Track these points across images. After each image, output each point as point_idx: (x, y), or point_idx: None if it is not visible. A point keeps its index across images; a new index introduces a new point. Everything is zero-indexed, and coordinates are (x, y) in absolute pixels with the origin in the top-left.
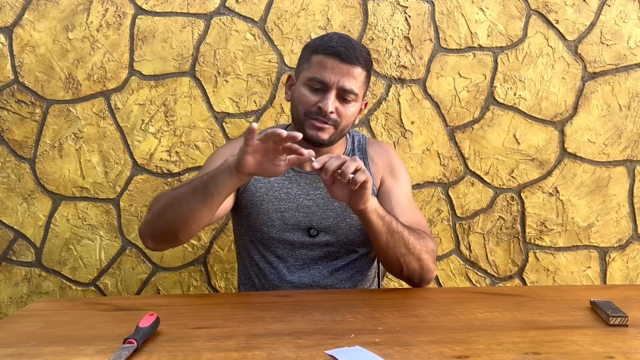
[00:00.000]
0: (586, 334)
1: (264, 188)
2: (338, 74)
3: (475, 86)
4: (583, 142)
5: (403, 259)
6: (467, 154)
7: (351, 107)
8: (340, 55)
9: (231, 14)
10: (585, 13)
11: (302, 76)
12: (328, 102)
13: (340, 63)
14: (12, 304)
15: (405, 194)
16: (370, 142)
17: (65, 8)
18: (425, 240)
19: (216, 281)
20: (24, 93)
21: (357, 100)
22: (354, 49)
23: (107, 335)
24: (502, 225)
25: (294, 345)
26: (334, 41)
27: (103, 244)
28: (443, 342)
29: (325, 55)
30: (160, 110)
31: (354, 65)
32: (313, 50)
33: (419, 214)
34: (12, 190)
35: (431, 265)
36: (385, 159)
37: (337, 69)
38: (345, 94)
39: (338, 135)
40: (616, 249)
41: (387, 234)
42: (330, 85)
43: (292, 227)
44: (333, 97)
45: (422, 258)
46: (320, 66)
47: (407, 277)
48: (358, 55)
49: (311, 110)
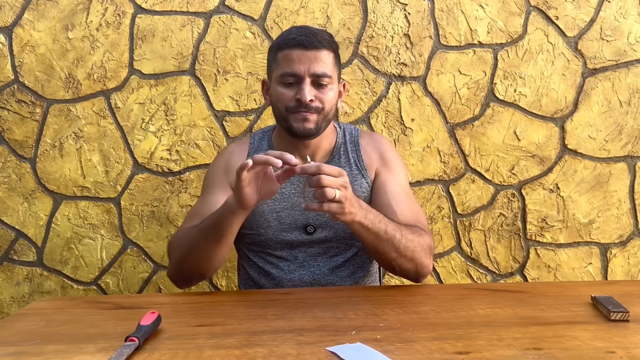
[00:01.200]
0: (587, 330)
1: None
2: (306, 62)
3: (476, 83)
4: (583, 139)
5: (395, 262)
6: (467, 150)
7: (329, 90)
8: (303, 43)
9: (231, 12)
10: (585, 9)
11: (274, 76)
12: (305, 92)
13: (305, 51)
14: (13, 303)
15: (401, 185)
16: (362, 134)
17: (65, 8)
18: (421, 238)
19: (217, 279)
20: (24, 93)
21: (332, 83)
22: (315, 34)
23: (108, 334)
24: (503, 222)
25: (295, 342)
26: (294, 33)
27: (104, 243)
28: (444, 339)
29: (289, 49)
30: (161, 109)
31: (319, 49)
32: (277, 49)
33: (416, 206)
34: (13, 190)
35: (426, 261)
36: (378, 151)
37: (304, 58)
38: (319, 79)
39: (324, 122)
40: (617, 245)
41: (375, 242)
42: (302, 75)
43: (289, 226)
44: (308, 85)
45: (414, 258)
46: (287, 60)
47: (401, 275)
48: (320, 39)
49: (290, 105)
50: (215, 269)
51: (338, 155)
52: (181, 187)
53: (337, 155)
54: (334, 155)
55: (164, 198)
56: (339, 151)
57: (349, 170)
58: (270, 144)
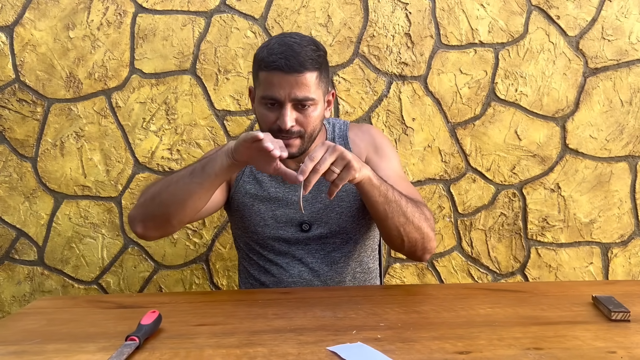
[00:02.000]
0: (588, 329)
1: (253, 189)
2: (287, 87)
3: (477, 82)
4: (585, 138)
5: (403, 229)
6: (468, 150)
7: (312, 111)
8: (281, 68)
9: (232, 11)
10: (587, 8)
11: (257, 94)
12: (285, 119)
13: (285, 75)
14: (14, 302)
15: (393, 169)
16: (351, 127)
17: (66, 7)
18: (422, 209)
19: (218, 279)
20: (25, 92)
21: (316, 103)
22: (296, 56)
23: (109, 333)
24: (504, 222)
25: (295, 341)
26: (275, 53)
27: (105, 243)
28: (445, 338)
29: (268, 72)
30: (162, 108)
31: (300, 72)
32: (258, 67)
33: (411, 187)
34: (14, 189)
35: (430, 233)
36: (367, 140)
37: (285, 82)
38: (300, 102)
39: (308, 142)
40: (618, 245)
41: (385, 204)
42: (282, 101)
43: (285, 224)
44: (289, 111)
45: (421, 226)
46: (267, 83)
47: (409, 248)
48: (302, 61)
49: (273, 128)
50: (180, 219)
51: None
52: None
53: None
54: None
55: None
56: None
57: None
58: None
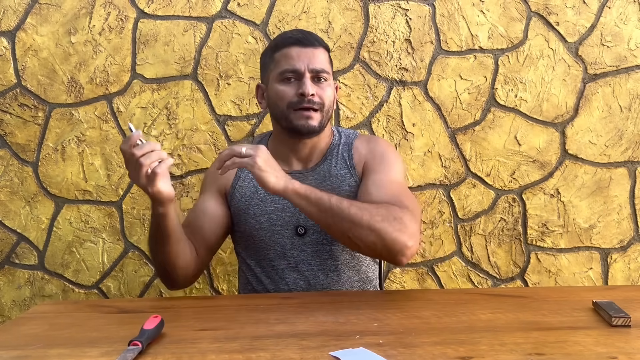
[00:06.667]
0: (589, 335)
1: (249, 193)
2: (306, 59)
3: (476, 88)
4: (584, 144)
5: (352, 234)
6: (468, 155)
7: (327, 86)
8: (301, 41)
9: (233, 17)
10: (586, 15)
11: (272, 76)
12: (307, 86)
13: (303, 48)
14: (15, 307)
15: (387, 174)
16: (360, 137)
17: (68, 12)
18: (386, 209)
19: (218, 283)
20: (26, 97)
21: (329, 79)
22: (310, 34)
23: (112, 337)
24: (504, 227)
25: (298, 346)
26: (289, 34)
27: (106, 247)
28: (446, 343)
29: (287, 47)
30: (163, 113)
31: (316, 47)
32: (274, 50)
33: (401, 191)
34: (15, 194)
35: (394, 234)
36: (370, 147)
37: (303, 55)
38: (318, 74)
39: (325, 119)
40: (618, 250)
41: (319, 213)
42: (302, 71)
43: (280, 227)
44: (309, 80)
45: (374, 228)
46: (287, 58)
47: (371, 252)
48: (316, 38)
49: (293, 101)
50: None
51: (331, 156)
52: (183, 191)
53: (329, 156)
54: (327, 156)
55: None
56: (332, 152)
57: (340, 169)
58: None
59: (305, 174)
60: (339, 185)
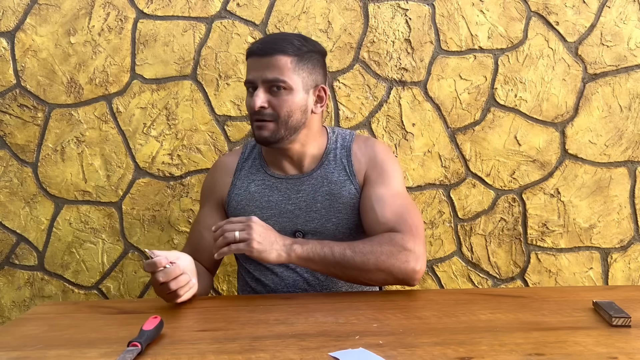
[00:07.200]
0: (589, 335)
1: (245, 200)
2: (259, 70)
3: (476, 88)
4: (584, 143)
5: (362, 278)
6: (468, 155)
7: (285, 95)
8: (256, 52)
9: (232, 17)
10: (586, 14)
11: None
12: (254, 99)
13: (259, 59)
14: (14, 307)
15: (388, 186)
16: (356, 139)
17: (67, 12)
18: (392, 243)
19: (218, 284)
20: (26, 97)
21: (290, 88)
22: (274, 42)
23: (111, 338)
24: (504, 227)
25: (297, 347)
26: (256, 43)
27: (105, 248)
28: (446, 344)
29: (248, 58)
30: (162, 113)
31: (272, 55)
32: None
33: (403, 207)
34: (14, 194)
35: (403, 265)
36: (369, 155)
37: (258, 65)
38: (272, 84)
39: (283, 129)
40: (618, 250)
41: (327, 269)
42: (256, 83)
43: (278, 232)
44: (260, 92)
45: (385, 268)
46: (248, 69)
47: (383, 284)
48: (276, 47)
49: (250, 112)
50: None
51: (327, 161)
52: (182, 191)
53: (326, 160)
54: (323, 160)
55: (165, 202)
56: (328, 157)
57: (338, 175)
58: (259, 153)
59: (302, 179)
60: (338, 191)
